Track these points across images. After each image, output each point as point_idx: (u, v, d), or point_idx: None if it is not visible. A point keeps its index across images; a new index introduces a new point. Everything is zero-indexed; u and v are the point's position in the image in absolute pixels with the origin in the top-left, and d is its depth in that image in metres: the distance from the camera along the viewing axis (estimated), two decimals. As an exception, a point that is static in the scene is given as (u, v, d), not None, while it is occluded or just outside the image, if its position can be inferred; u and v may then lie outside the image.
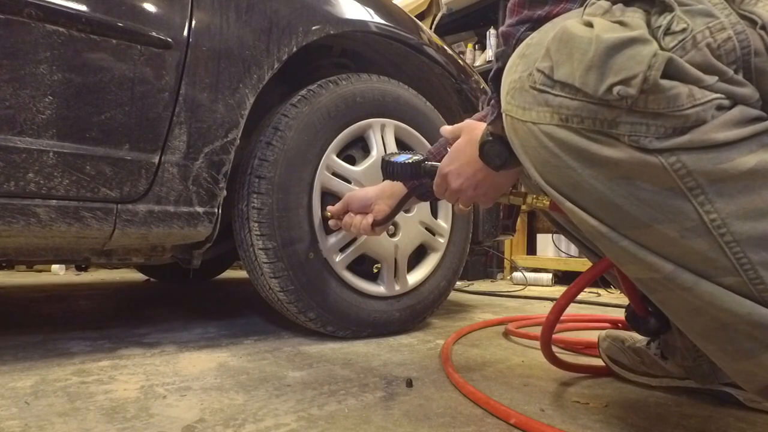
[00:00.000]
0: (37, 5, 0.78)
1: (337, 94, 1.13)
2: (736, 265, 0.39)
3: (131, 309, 1.59)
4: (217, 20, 0.96)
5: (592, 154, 0.41)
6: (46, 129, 0.80)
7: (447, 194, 0.75)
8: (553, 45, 0.42)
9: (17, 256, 0.99)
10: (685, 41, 0.38)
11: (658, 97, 0.38)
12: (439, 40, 1.41)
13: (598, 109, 0.40)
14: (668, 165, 0.39)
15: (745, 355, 0.42)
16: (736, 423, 0.65)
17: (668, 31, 0.39)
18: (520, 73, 0.46)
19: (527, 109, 0.44)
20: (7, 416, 0.63)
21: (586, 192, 0.42)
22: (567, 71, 0.41)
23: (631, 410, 0.69)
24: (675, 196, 0.39)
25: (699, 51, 0.38)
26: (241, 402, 0.70)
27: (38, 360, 0.91)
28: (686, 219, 0.40)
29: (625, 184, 0.41)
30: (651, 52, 0.38)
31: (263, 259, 1.03)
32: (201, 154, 0.94)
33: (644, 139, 0.39)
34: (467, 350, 1.05)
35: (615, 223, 0.42)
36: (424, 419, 0.64)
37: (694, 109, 0.37)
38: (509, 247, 3.13)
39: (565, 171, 0.43)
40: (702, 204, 0.39)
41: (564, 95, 0.41)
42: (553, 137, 0.42)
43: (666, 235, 0.41)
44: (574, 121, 0.41)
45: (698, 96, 0.38)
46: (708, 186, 0.39)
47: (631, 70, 0.38)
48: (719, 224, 0.39)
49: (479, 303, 1.90)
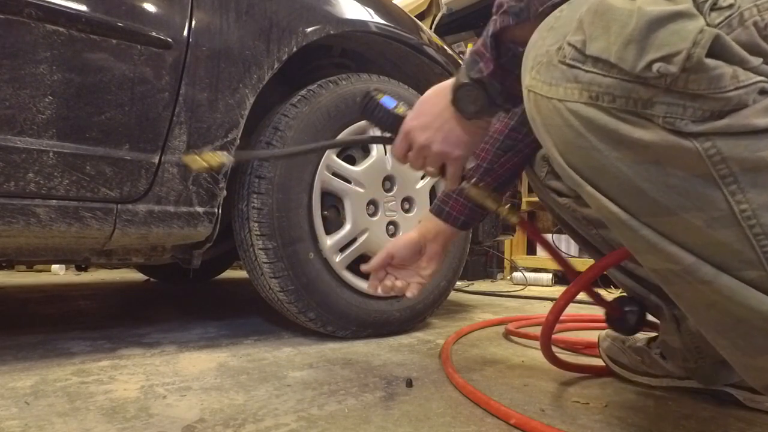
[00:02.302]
0: (37, 5, 0.78)
1: (337, 94, 1.13)
2: (762, 259, 0.37)
3: (131, 309, 1.59)
4: (217, 20, 0.96)
5: (621, 136, 0.39)
6: (46, 129, 0.80)
7: (412, 154, 0.69)
8: (588, 17, 0.40)
9: (17, 256, 0.99)
10: (731, 18, 0.36)
11: (701, 76, 0.35)
12: (439, 40, 1.41)
13: (633, 87, 0.37)
14: (702, 150, 0.37)
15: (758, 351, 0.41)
16: (736, 423, 0.65)
17: (715, 6, 0.36)
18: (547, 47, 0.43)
19: (554, 85, 0.42)
20: (7, 416, 0.63)
21: (611, 176, 0.40)
22: (602, 45, 0.38)
23: (631, 410, 0.69)
24: (706, 183, 0.37)
25: (746, 29, 0.36)
26: (241, 402, 0.70)
27: (38, 360, 0.91)
28: (714, 208, 0.38)
29: (654, 168, 0.39)
30: (697, 28, 0.35)
31: (263, 259, 1.03)
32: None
33: (680, 121, 0.37)
34: (467, 350, 1.05)
35: (637, 210, 0.41)
36: (424, 419, 0.64)
37: (737, 92, 0.35)
38: (509, 247, 3.13)
39: (591, 152, 0.40)
40: (733, 193, 0.37)
41: (596, 71, 0.39)
42: (581, 116, 0.40)
43: (691, 223, 0.39)
44: (605, 100, 0.39)
45: (742, 78, 0.35)
46: (741, 175, 0.37)
47: (674, 46, 0.35)
48: (749, 215, 0.37)
49: (479, 303, 1.90)
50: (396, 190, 1.20)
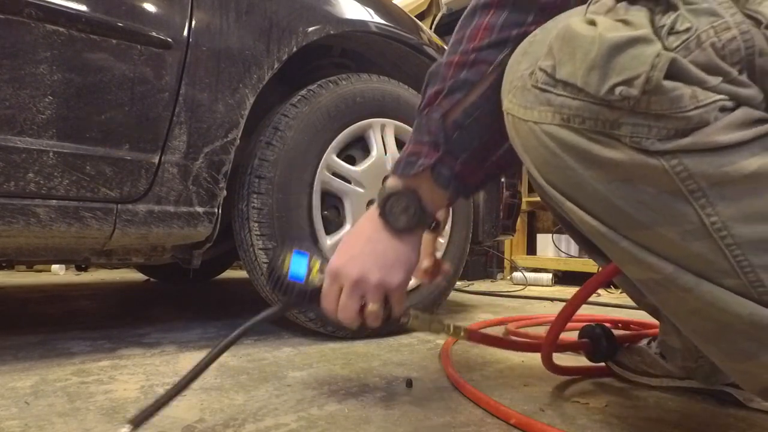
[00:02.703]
0: (37, 5, 0.78)
1: (337, 94, 1.13)
2: (736, 268, 0.39)
3: (131, 309, 1.59)
4: (217, 20, 0.96)
5: (593, 155, 0.40)
6: (46, 129, 0.80)
7: (344, 297, 0.61)
8: (556, 43, 0.42)
9: (17, 256, 0.99)
10: (689, 41, 0.37)
11: (661, 98, 0.37)
12: (439, 40, 1.41)
13: (599, 110, 0.39)
14: (669, 167, 0.38)
15: (745, 356, 0.42)
16: (736, 423, 0.65)
17: (672, 31, 0.38)
18: (522, 71, 0.45)
19: (528, 108, 0.44)
20: (7, 416, 0.63)
21: (587, 193, 0.42)
22: (569, 70, 0.40)
23: (631, 410, 0.69)
24: (676, 198, 0.39)
25: (703, 51, 0.37)
26: (241, 402, 0.70)
27: (38, 360, 0.91)
28: (687, 222, 0.39)
29: (625, 186, 0.40)
30: (654, 52, 0.37)
31: (263, 259, 1.03)
32: (201, 154, 0.94)
33: (646, 140, 0.38)
34: (467, 350, 1.05)
35: (615, 224, 0.42)
36: (424, 419, 0.64)
37: (697, 111, 0.37)
38: (509, 247, 3.13)
39: (566, 171, 0.42)
40: (703, 207, 0.39)
41: (566, 95, 0.41)
42: (555, 137, 0.42)
43: (666, 237, 0.40)
44: (576, 122, 0.40)
45: (701, 97, 0.37)
46: (709, 189, 0.38)
47: (633, 70, 0.37)
48: (720, 227, 0.39)
49: (479, 303, 1.90)
50: (396, 190, 1.19)
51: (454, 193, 0.61)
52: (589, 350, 0.83)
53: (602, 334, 0.82)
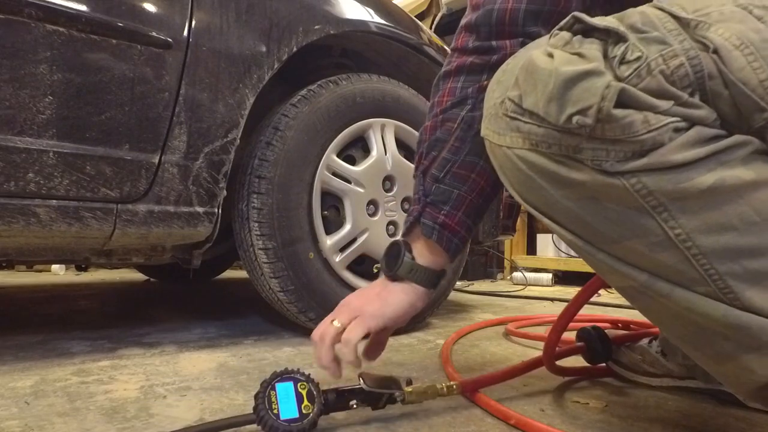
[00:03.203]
0: (37, 5, 0.78)
1: (337, 94, 1.13)
2: (704, 276, 0.41)
3: (131, 309, 1.59)
4: (217, 20, 0.96)
5: (561, 177, 0.43)
6: (46, 129, 0.80)
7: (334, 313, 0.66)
8: (521, 75, 0.45)
9: (17, 256, 0.99)
10: (639, 69, 0.40)
11: (613, 125, 0.39)
12: (439, 40, 1.41)
13: (561, 137, 0.42)
14: (630, 186, 0.40)
15: (725, 357, 0.43)
16: (736, 423, 0.65)
17: (623, 61, 0.40)
18: (494, 99, 0.49)
19: (502, 134, 0.47)
20: (7, 416, 0.63)
21: (560, 210, 0.45)
22: (533, 101, 0.43)
23: (631, 410, 0.69)
24: (639, 214, 0.41)
25: (653, 78, 0.39)
26: (241, 402, 0.70)
27: (38, 360, 0.91)
28: (652, 234, 0.41)
29: (592, 203, 0.43)
30: (604, 84, 0.39)
31: (263, 259, 1.03)
32: (201, 154, 0.94)
33: (605, 163, 0.41)
34: (467, 350, 1.05)
35: (589, 239, 0.45)
36: (424, 419, 0.64)
37: (650, 134, 0.39)
38: (509, 247, 3.13)
39: (540, 191, 0.46)
40: (666, 220, 0.41)
41: (532, 122, 0.44)
42: (526, 161, 0.45)
43: (635, 249, 0.43)
44: (543, 147, 0.43)
45: (653, 121, 0.39)
46: (670, 204, 0.40)
47: (586, 101, 0.39)
48: (684, 238, 0.41)
49: (479, 303, 1.90)
50: (396, 190, 1.20)
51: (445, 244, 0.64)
52: (585, 353, 0.83)
53: (596, 337, 0.82)
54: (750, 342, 0.41)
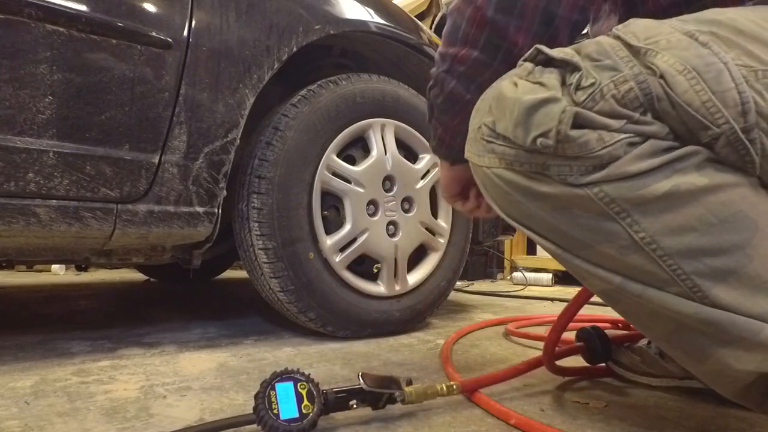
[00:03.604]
0: (37, 5, 0.78)
1: (337, 94, 1.13)
2: (673, 276, 0.44)
3: (131, 309, 1.59)
4: (217, 20, 0.96)
5: (534, 191, 0.48)
6: (46, 129, 0.80)
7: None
8: (493, 103, 0.50)
9: (17, 256, 0.99)
10: (594, 94, 0.44)
11: (572, 144, 0.44)
12: (439, 40, 1.41)
13: (530, 156, 0.47)
14: (593, 195, 0.45)
15: (703, 354, 0.46)
16: (736, 423, 0.65)
17: (579, 87, 0.44)
18: (474, 125, 0.54)
19: (480, 155, 0.52)
20: (7, 416, 0.63)
21: (537, 221, 0.50)
22: (503, 126, 0.48)
23: (631, 410, 0.69)
24: (606, 219, 0.45)
25: (606, 101, 0.44)
26: (241, 402, 0.70)
27: (38, 360, 0.91)
28: (619, 238, 0.45)
29: (564, 213, 0.47)
30: (560, 109, 0.44)
31: (263, 259, 1.03)
32: (201, 154, 0.94)
33: (570, 177, 0.45)
34: (467, 350, 1.05)
35: (565, 246, 0.49)
36: (424, 419, 0.64)
37: (605, 150, 0.43)
38: (509, 247, 3.13)
39: (518, 205, 0.50)
40: (630, 225, 0.44)
41: (505, 145, 0.49)
42: (503, 178, 0.50)
43: (607, 253, 0.46)
44: (516, 165, 0.48)
45: (607, 139, 0.43)
46: (632, 209, 0.44)
47: (546, 125, 0.44)
48: (649, 241, 0.44)
49: (479, 303, 1.90)
50: (396, 190, 1.20)
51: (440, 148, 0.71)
52: (585, 353, 0.83)
53: (596, 337, 0.82)
54: (723, 336, 0.44)
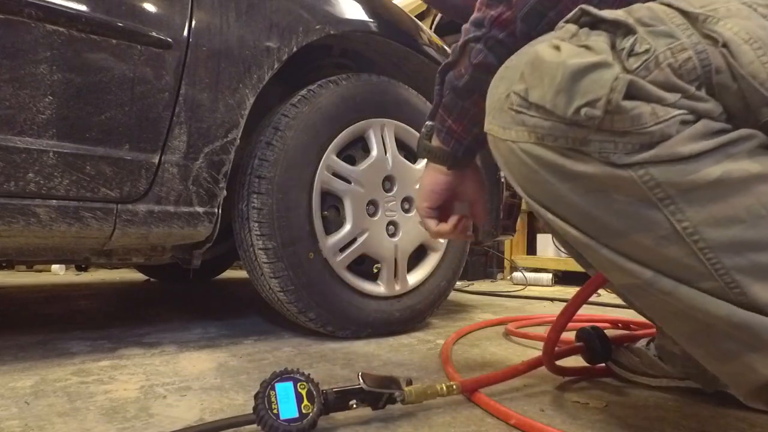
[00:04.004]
0: (37, 5, 0.78)
1: (337, 94, 1.13)
2: (711, 271, 0.40)
3: (131, 309, 1.59)
4: (217, 20, 0.96)
5: (567, 170, 0.43)
6: (46, 129, 0.80)
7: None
8: (527, 69, 0.45)
9: (17, 256, 0.99)
10: (648, 62, 0.40)
11: (622, 117, 0.39)
12: (439, 40, 1.41)
13: (568, 129, 0.42)
14: (638, 178, 0.40)
15: (729, 356, 0.43)
16: (736, 423, 0.65)
17: (632, 53, 0.40)
18: (499, 94, 0.48)
19: (506, 128, 0.47)
20: (7, 416, 0.63)
21: (566, 204, 0.45)
22: (539, 94, 0.43)
23: (631, 410, 0.69)
24: (647, 206, 0.41)
25: (661, 71, 0.40)
26: (241, 402, 0.70)
27: (38, 360, 0.91)
28: (659, 228, 0.41)
29: (600, 196, 0.43)
30: (613, 76, 0.40)
31: (263, 259, 1.03)
32: (201, 154, 0.94)
33: (613, 155, 0.41)
34: (467, 350, 1.05)
35: (594, 233, 0.45)
36: (424, 419, 0.64)
37: (658, 126, 0.39)
38: (509, 247, 3.12)
39: (545, 185, 0.45)
40: (673, 213, 0.41)
41: (538, 116, 0.44)
42: (531, 154, 0.45)
43: (642, 243, 0.42)
44: (549, 140, 0.43)
45: (661, 113, 0.39)
46: (677, 196, 0.40)
47: (594, 93, 0.40)
48: (691, 231, 0.40)
49: (479, 303, 1.90)
50: (396, 190, 1.20)
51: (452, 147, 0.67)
52: (585, 353, 0.83)
53: (596, 337, 0.82)
54: (753, 342, 0.41)
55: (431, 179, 0.71)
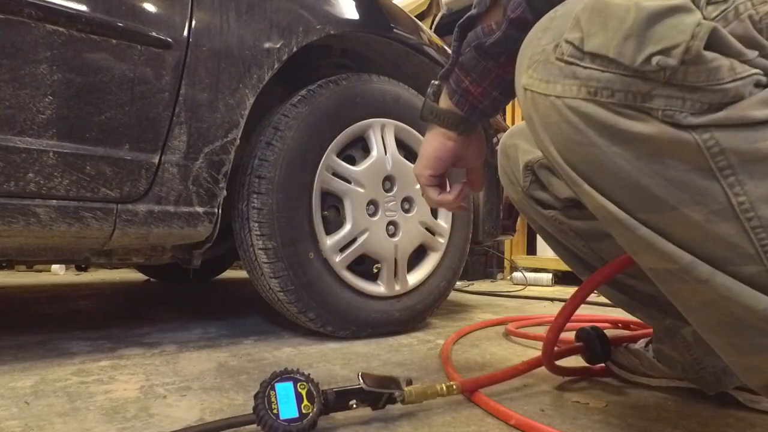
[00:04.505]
0: (37, 5, 0.78)
1: (337, 94, 1.13)
2: (760, 252, 0.38)
3: (131, 309, 1.59)
4: (217, 20, 0.96)
5: (620, 131, 0.39)
6: (46, 129, 0.80)
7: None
8: (584, 14, 0.40)
9: (17, 256, 0.99)
10: (727, 11, 0.37)
11: (699, 68, 0.36)
12: (439, 40, 1.41)
13: (632, 81, 0.38)
14: (701, 142, 0.37)
15: (755, 350, 0.41)
16: (736, 423, 0.65)
17: (710, 1, 0.37)
18: (544, 45, 0.43)
19: (551, 82, 0.42)
20: (7, 416, 0.63)
21: (610, 172, 0.40)
22: (600, 41, 0.39)
23: (631, 410, 0.69)
24: (705, 176, 0.38)
25: (741, 23, 0.37)
26: (241, 402, 0.70)
27: (38, 360, 0.91)
28: (713, 201, 0.38)
29: (653, 162, 0.39)
30: (695, 22, 0.36)
31: (263, 259, 1.03)
32: (201, 154, 0.94)
33: (679, 114, 0.37)
34: (467, 350, 1.05)
35: (636, 207, 0.41)
36: (424, 419, 0.64)
37: (734, 84, 0.36)
38: (509, 247, 3.13)
39: (589, 148, 0.40)
40: (732, 186, 0.37)
41: (594, 67, 0.39)
42: (579, 111, 0.40)
43: (690, 218, 0.39)
44: (604, 95, 0.39)
45: (739, 70, 0.36)
46: (739, 166, 0.37)
47: (673, 39, 0.36)
48: (747, 207, 0.37)
49: (479, 303, 1.90)
50: (396, 190, 1.20)
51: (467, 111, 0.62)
52: (584, 353, 0.83)
53: (595, 337, 0.82)
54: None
55: (436, 144, 0.66)
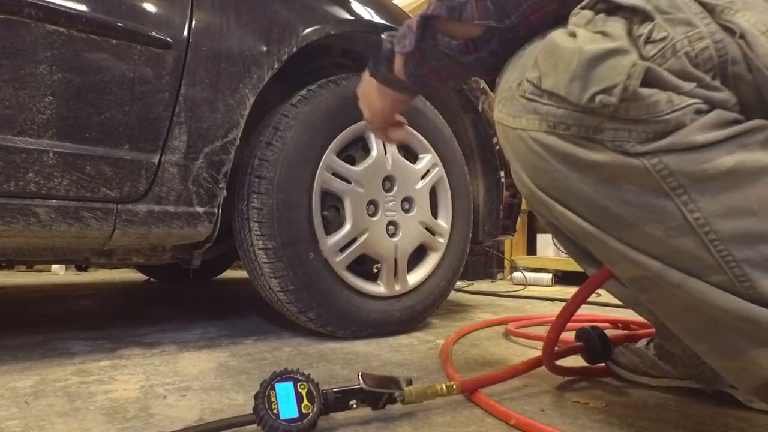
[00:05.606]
0: (37, 5, 0.78)
1: (338, 94, 1.13)
2: (721, 263, 0.40)
3: (131, 309, 1.59)
4: (217, 20, 0.96)
5: (578, 159, 0.43)
6: (46, 129, 0.80)
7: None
8: (541, 56, 0.44)
9: (17, 256, 0.99)
10: (665, 49, 0.40)
11: (638, 104, 0.39)
12: (439, 40, 1.41)
13: (582, 117, 0.41)
14: (651, 166, 0.40)
15: (736, 351, 0.43)
16: (736, 423, 0.65)
17: (649, 40, 0.40)
18: (510, 83, 0.48)
19: (517, 116, 0.46)
20: (7, 416, 0.63)
21: (575, 195, 0.44)
22: (553, 81, 0.43)
23: (631, 410, 0.69)
24: (659, 196, 0.41)
25: (678, 59, 0.40)
26: (241, 402, 0.70)
27: (38, 360, 0.91)
28: (671, 218, 0.41)
29: (610, 186, 0.42)
30: (630, 62, 0.39)
31: (263, 259, 1.03)
32: (201, 154, 0.94)
33: (627, 143, 0.40)
34: (467, 350, 1.05)
35: (603, 225, 0.44)
36: (424, 419, 0.64)
37: (674, 114, 0.39)
38: (509, 247, 3.13)
39: (554, 175, 0.45)
40: (685, 203, 0.40)
41: (551, 104, 0.43)
42: (542, 143, 0.44)
43: (652, 235, 0.42)
44: (561, 128, 0.43)
45: (677, 102, 0.39)
46: (690, 186, 0.40)
47: (611, 79, 0.39)
48: (703, 222, 0.40)
49: (479, 303, 1.90)
50: (396, 190, 1.20)
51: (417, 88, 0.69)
52: (584, 353, 0.83)
53: (595, 337, 0.82)
54: (762, 336, 0.40)
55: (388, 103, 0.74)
